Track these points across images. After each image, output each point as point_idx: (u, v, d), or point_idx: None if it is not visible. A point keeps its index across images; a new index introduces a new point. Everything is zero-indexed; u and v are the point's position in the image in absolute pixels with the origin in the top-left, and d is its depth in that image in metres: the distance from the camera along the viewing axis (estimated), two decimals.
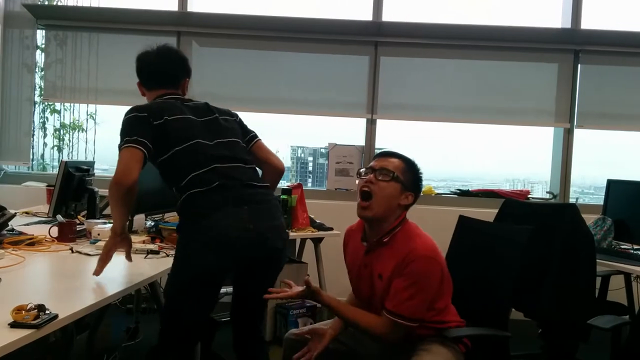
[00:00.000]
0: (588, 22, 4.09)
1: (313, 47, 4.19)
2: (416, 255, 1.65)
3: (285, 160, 4.79)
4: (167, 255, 2.11)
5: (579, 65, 4.10)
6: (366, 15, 4.16)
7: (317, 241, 3.33)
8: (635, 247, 2.86)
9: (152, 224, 2.61)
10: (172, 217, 2.93)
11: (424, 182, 1.85)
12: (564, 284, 2.32)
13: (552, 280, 2.33)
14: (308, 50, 4.21)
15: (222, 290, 3.87)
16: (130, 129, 1.78)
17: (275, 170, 2.08)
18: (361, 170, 1.81)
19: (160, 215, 2.87)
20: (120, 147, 1.77)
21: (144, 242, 2.28)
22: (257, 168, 2.02)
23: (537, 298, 2.38)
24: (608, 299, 3.02)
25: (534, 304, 2.42)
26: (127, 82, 4.24)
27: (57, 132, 4.55)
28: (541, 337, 2.72)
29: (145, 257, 2.07)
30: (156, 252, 2.13)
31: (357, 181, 1.82)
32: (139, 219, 2.54)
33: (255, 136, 2.09)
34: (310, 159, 4.75)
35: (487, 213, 2.67)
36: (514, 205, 2.69)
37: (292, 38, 4.15)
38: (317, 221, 3.33)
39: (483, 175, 2.65)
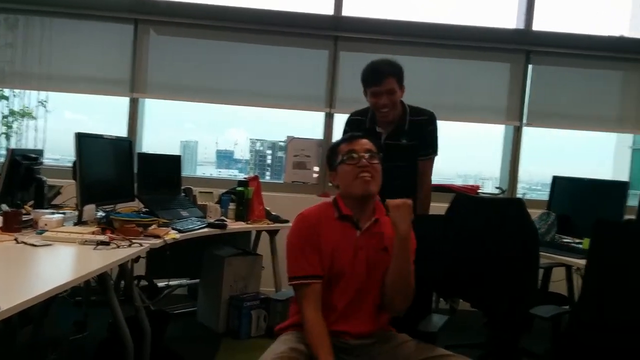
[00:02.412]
0: (540, 24, 4.22)
1: (273, 39, 4.17)
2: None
3: (244, 152, 4.77)
4: (118, 247, 2.08)
5: (530, 65, 4.24)
6: (327, 9, 4.17)
7: (272, 233, 3.34)
8: (577, 240, 2.98)
9: (103, 214, 2.56)
10: (123, 207, 2.88)
11: None
12: (509, 275, 2.41)
13: (497, 271, 2.42)
14: (268, 43, 4.19)
15: (175, 282, 3.86)
16: None
17: None
18: (344, 158, 1.77)
19: (112, 205, 2.81)
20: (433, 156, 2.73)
21: (93, 233, 2.23)
22: None
23: (483, 289, 2.47)
24: (550, 290, 3.16)
25: (480, 294, 2.51)
26: (81, 68, 4.17)
27: (5, 119, 4.38)
28: (486, 327, 2.82)
29: (94, 248, 2.03)
30: (106, 244, 2.09)
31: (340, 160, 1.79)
32: (89, 210, 2.48)
33: None
34: (269, 152, 4.75)
35: (439, 207, 2.74)
36: (464, 199, 2.77)
37: (252, 30, 4.12)
38: (273, 213, 3.34)
39: (436, 170, 2.76)
